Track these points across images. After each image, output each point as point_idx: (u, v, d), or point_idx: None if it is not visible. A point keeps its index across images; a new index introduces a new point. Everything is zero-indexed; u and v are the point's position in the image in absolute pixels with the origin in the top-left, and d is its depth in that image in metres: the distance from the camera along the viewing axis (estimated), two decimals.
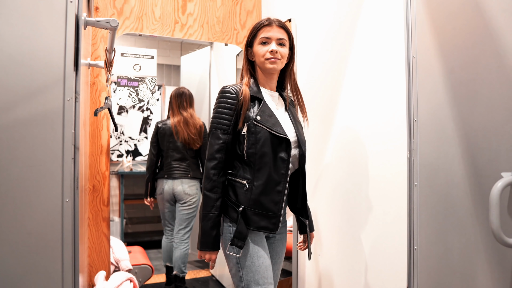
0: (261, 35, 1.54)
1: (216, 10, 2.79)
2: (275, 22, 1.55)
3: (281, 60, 1.55)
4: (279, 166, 1.51)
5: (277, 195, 1.51)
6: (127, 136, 4.57)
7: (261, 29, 1.55)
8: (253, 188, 1.50)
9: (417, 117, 1.34)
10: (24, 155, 0.95)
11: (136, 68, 2.83)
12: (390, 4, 1.72)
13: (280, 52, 1.53)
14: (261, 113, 1.52)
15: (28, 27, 0.95)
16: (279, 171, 1.51)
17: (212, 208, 1.50)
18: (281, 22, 1.57)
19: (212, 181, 1.51)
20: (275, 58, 1.53)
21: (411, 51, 1.37)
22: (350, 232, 1.98)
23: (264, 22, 1.56)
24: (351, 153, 1.97)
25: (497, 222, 0.96)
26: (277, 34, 1.54)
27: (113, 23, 1.33)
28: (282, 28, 1.55)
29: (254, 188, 1.50)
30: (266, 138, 1.49)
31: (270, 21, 1.55)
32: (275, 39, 1.53)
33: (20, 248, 0.94)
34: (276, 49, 1.52)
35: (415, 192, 1.35)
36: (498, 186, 0.97)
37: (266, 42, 1.54)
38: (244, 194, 1.51)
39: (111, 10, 2.50)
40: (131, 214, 4.76)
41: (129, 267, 2.76)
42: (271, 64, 1.53)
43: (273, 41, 1.53)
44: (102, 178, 2.45)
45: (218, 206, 1.51)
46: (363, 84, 1.89)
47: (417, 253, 1.34)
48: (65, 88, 0.98)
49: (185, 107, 3.12)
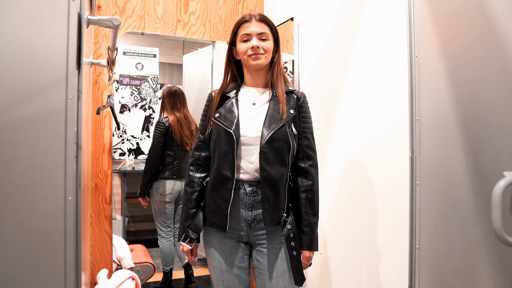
0: (242, 32, 1.51)
1: (218, 9, 2.79)
2: (255, 16, 1.51)
3: (265, 55, 1.50)
4: (228, 162, 1.47)
5: (227, 192, 1.48)
6: (129, 135, 4.58)
7: (241, 26, 1.52)
8: (207, 184, 1.56)
9: (419, 116, 1.34)
10: (27, 153, 0.95)
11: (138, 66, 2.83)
12: (392, 3, 1.72)
13: (262, 47, 1.49)
14: (221, 110, 1.53)
15: (30, 26, 0.95)
16: (228, 167, 1.47)
17: (187, 201, 1.58)
18: (262, 16, 1.52)
19: (189, 176, 1.60)
20: (257, 54, 1.48)
21: (414, 50, 1.36)
22: (351, 231, 1.98)
23: (244, 18, 1.52)
24: (353, 151, 1.97)
25: (499, 221, 0.95)
26: (257, 28, 1.49)
27: (115, 22, 1.33)
28: (262, 22, 1.51)
29: (208, 184, 1.56)
30: (219, 134, 1.50)
31: (250, 16, 1.51)
32: (256, 34, 1.49)
33: (23, 246, 0.94)
34: (257, 44, 1.48)
35: (417, 191, 1.35)
36: (500, 185, 0.96)
37: (247, 39, 1.50)
38: (205, 190, 1.58)
39: (114, 8, 2.50)
40: (133, 212, 4.77)
41: (131, 265, 2.77)
42: (254, 60, 1.50)
43: (254, 36, 1.49)
44: (104, 176, 2.46)
45: (193, 199, 1.57)
46: (366, 83, 1.89)
47: (418, 252, 1.34)
48: (68, 86, 0.98)
49: (178, 108, 3.10)
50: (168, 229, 3.13)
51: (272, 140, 1.46)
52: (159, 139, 3.01)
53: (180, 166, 3.09)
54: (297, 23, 2.46)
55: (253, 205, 1.50)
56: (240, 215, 1.51)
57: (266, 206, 1.47)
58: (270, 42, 1.52)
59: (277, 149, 1.47)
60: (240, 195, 1.50)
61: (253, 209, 1.50)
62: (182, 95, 3.14)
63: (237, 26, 1.53)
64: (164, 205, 3.08)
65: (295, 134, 1.52)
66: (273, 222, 1.49)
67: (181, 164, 3.10)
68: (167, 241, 3.12)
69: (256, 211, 1.51)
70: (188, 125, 3.10)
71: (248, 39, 1.50)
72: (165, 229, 3.12)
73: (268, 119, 1.49)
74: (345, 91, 2.04)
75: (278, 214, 1.49)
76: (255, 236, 1.53)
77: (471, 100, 1.16)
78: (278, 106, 1.51)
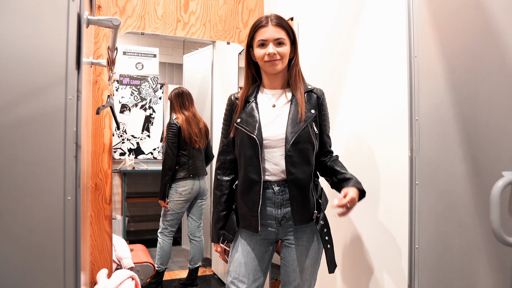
0: (258, 38, 1.50)
1: (218, 9, 2.79)
2: (272, 20, 1.50)
3: (281, 60, 1.51)
4: (254, 166, 1.51)
5: (255, 195, 1.51)
6: (129, 135, 4.58)
7: (258, 31, 1.51)
8: (237, 188, 1.61)
9: (418, 116, 1.34)
10: (26, 153, 0.95)
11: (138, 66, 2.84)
12: (392, 3, 1.72)
13: (279, 53, 1.49)
14: (243, 115, 1.55)
15: (30, 26, 0.96)
16: (254, 171, 1.51)
17: (217, 204, 1.64)
18: (278, 20, 1.51)
19: (217, 180, 1.66)
20: (274, 60, 1.49)
21: (413, 50, 1.37)
22: (351, 231, 1.98)
23: (261, 23, 1.51)
24: (352, 151, 1.97)
25: (497, 221, 0.96)
26: (273, 34, 1.48)
27: (115, 22, 1.33)
28: (278, 26, 1.50)
29: (237, 188, 1.61)
30: (243, 138, 1.53)
31: (266, 20, 1.50)
32: (272, 39, 1.48)
33: (22, 245, 0.95)
34: (273, 52, 1.48)
35: (416, 191, 1.35)
36: (499, 185, 0.96)
37: (264, 44, 1.50)
38: (235, 193, 1.64)
39: (114, 8, 2.50)
40: (133, 212, 4.77)
41: (131, 265, 2.77)
42: (271, 66, 1.51)
43: (270, 42, 1.49)
44: (104, 176, 2.46)
45: (223, 202, 1.62)
46: (365, 83, 1.89)
47: (418, 252, 1.34)
48: (67, 86, 0.98)
49: (187, 106, 3.15)
50: (173, 229, 3.16)
51: (296, 142, 1.50)
52: (173, 139, 3.06)
53: (195, 165, 3.14)
54: (297, 23, 2.46)
55: (282, 203, 1.54)
56: (270, 214, 1.55)
57: (295, 207, 1.52)
58: (286, 46, 1.51)
59: (302, 150, 1.51)
60: (269, 195, 1.54)
61: (282, 207, 1.54)
62: (189, 95, 3.21)
63: (253, 30, 1.52)
64: (180, 205, 3.11)
65: (317, 133, 1.56)
66: (303, 222, 1.54)
67: (196, 162, 3.15)
68: (168, 239, 3.15)
69: (286, 209, 1.55)
70: (197, 123, 3.16)
71: (265, 44, 1.49)
72: (171, 228, 3.15)
73: (291, 122, 1.52)
74: (344, 91, 2.04)
75: (308, 213, 1.54)
76: (284, 233, 1.58)
77: (470, 100, 1.16)
78: (298, 108, 1.54)
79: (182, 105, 3.14)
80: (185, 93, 3.17)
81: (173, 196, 3.10)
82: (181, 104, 3.14)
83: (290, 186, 1.50)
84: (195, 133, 3.10)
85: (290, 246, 1.59)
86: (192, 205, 3.24)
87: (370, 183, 1.85)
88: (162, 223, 3.15)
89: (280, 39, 1.49)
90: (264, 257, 1.61)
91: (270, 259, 1.64)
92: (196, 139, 3.10)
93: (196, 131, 3.12)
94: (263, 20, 1.51)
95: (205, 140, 3.19)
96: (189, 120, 3.10)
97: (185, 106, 3.15)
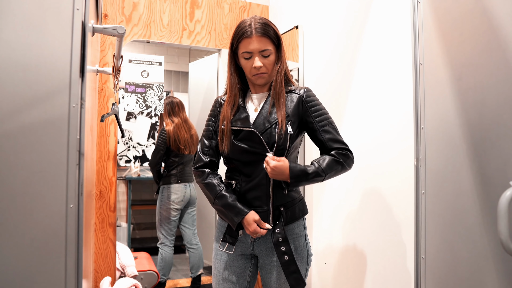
0: (243, 49, 1.42)
1: (223, 17, 2.81)
2: (257, 30, 1.40)
3: (268, 73, 1.45)
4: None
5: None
6: (135, 142, 4.59)
7: (241, 41, 1.42)
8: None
9: (424, 124, 1.33)
10: (30, 161, 0.95)
11: (143, 74, 2.86)
12: (397, 12, 1.71)
13: (265, 64, 1.42)
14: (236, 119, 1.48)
15: (34, 35, 0.96)
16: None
17: (216, 193, 1.47)
18: (263, 29, 1.41)
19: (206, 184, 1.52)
20: (261, 73, 1.43)
21: (418, 58, 1.36)
22: (356, 241, 1.95)
23: (244, 33, 1.41)
24: (358, 160, 1.96)
25: (505, 232, 0.94)
26: (259, 45, 1.40)
27: (120, 30, 1.34)
28: (264, 36, 1.41)
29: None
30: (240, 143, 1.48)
31: (250, 29, 1.40)
32: (257, 52, 1.41)
33: (24, 253, 0.94)
34: (260, 65, 1.41)
35: (422, 200, 1.33)
36: (506, 195, 0.95)
37: (249, 56, 1.42)
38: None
39: (120, 17, 2.52)
40: (138, 219, 4.77)
41: (135, 273, 2.76)
42: (258, 79, 1.45)
43: (256, 55, 1.41)
44: (109, 183, 2.46)
45: (221, 188, 1.47)
46: (371, 92, 1.88)
47: (424, 262, 1.32)
48: (71, 94, 0.98)
49: (176, 112, 3.21)
50: (172, 238, 3.17)
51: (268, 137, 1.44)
52: (162, 146, 3.11)
53: (184, 171, 3.19)
54: (302, 31, 2.46)
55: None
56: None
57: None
58: (272, 56, 1.45)
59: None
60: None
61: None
62: (180, 103, 3.27)
63: (237, 39, 1.44)
64: (173, 212, 3.13)
65: (290, 134, 1.43)
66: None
67: (185, 169, 3.20)
68: (169, 249, 3.15)
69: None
70: (188, 129, 3.20)
71: (250, 56, 1.42)
72: (170, 237, 3.16)
73: (263, 118, 1.45)
74: (349, 99, 2.03)
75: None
76: (259, 249, 1.49)
77: (477, 108, 1.15)
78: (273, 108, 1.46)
79: (171, 111, 3.19)
80: (174, 101, 3.24)
81: (166, 204, 3.12)
82: (170, 111, 3.20)
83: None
84: (185, 139, 3.14)
85: (262, 264, 1.51)
86: (182, 214, 3.26)
87: (375, 192, 1.83)
88: (160, 234, 3.18)
89: (265, 50, 1.42)
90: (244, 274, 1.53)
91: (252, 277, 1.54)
92: (187, 145, 3.14)
93: (187, 137, 3.16)
94: (247, 30, 1.41)
95: (196, 147, 3.22)
96: (179, 126, 3.15)
97: (175, 112, 3.19)
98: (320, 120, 1.47)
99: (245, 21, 1.43)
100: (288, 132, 1.43)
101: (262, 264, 1.50)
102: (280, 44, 1.47)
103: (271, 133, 1.42)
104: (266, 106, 1.47)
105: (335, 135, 1.47)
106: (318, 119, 1.47)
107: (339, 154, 1.44)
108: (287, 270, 1.38)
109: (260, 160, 1.43)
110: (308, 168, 1.40)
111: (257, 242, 1.48)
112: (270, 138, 1.42)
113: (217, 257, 1.52)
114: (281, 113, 1.43)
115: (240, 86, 1.54)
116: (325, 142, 1.46)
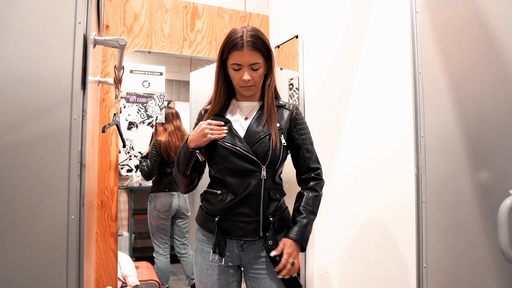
0: (233, 61, 1.41)
1: (224, 27, 2.83)
2: (248, 43, 1.39)
3: (256, 85, 1.45)
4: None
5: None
6: (136, 151, 4.60)
7: (232, 52, 1.41)
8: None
9: (424, 133, 1.34)
10: (31, 172, 0.96)
11: (145, 84, 2.87)
12: (396, 22, 1.73)
13: (254, 78, 1.42)
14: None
15: (37, 48, 0.97)
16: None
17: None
18: (254, 42, 1.40)
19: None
20: (249, 86, 1.44)
21: (417, 67, 1.37)
22: (358, 250, 1.95)
23: (236, 45, 1.40)
24: (358, 169, 1.96)
25: (505, 241, 0.94)
26: (249, 59, 1.40)
27: (121, 42, 1.35)
28: (255, 49, 1.40)
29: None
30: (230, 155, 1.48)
31: (242, 42, 1.39)
32: (247, 65, 1.41)
33: (25, 264, 0.95)
34: (248, 78, 1.41)
35: (423, 208, 1.33)
36: (506, 204, 0.95)
37: (238, 68, 1.42)
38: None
39: (121, 28, 2.55)
40: (140, 229, 4.75)
41: (136, 283, 2.75)
42: (245, 91, 1.46)
43: (245, 68, 1.41)
44: (110, 193, 2.46)
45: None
46: (370, 101, 1.89)
47: (426, 271, 1.32)
48: (72, 106, 0.99)
49: (170, 119, 3.24)
50: (165, 246, 3.18)
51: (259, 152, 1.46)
52: (156, 157, 3.12)
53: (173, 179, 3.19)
54: (302, 40, 2.48)
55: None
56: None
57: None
58: (262, 69, 1.44)
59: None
60: None
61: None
62: (176, 112, 3.31)
63: (227, 50, 1.42)
64: (162, 221, 3.15)
65: (284, 145, 1.46)
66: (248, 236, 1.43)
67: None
68: (164, 258, 3.17)
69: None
70: (181, 136, 3.23)
71: (239, 68, 1.42)
72: (163, 245, 3.18)
73: (251, 131, 1.46)
74: (349, 109, 2.04)
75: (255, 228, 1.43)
76: (246, 258, 1.47)
77: (476, 117, 1.15)
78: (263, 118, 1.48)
79: (165, 118, 3.21)
80: (169, 111, 3.27)
81: (152, 213, 3.14)
82: (164, 118, 3.22)
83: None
84: (176, 146, 3.15)
85: (250, 276, 1.51)
86: (172, 225, 3.27)
87: (376, 200, 1.83)
88: (154, 244, 3.19)
89: (255, 64, 1.41)
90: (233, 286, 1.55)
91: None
92: (176, 152, 3.15)
93: (178, 144, 3.18)
94: (238, 42, 1.39)
95: None
96: (171, 134, 3.17)
97: (168, 120, 3.22)
98: (304, 139, 1.51)
99: (236, 32, 1.42)
100: (282, 143, 1.45)
101: (252, 275, 1.47)
102: (270, 56, 1.47)
103: (265, 143, 1.43)
104: (257, 116, 1.48)
105: (315, 156, 1.54)
106: (303, 137, 1.52)
107: (316, 185, 1.51)
108: (283, 279, 1.40)
109: (250, 170, 1.42)
110: (303, 221, 1.44)
111: (245, 251, 1.45)
112: (263, 148, 1.42)
113: (202, 272, 1.49)
114: (274, 125, 1.45)
115: (227, 96, 1.55)
116: (305, 160, 1.51)
